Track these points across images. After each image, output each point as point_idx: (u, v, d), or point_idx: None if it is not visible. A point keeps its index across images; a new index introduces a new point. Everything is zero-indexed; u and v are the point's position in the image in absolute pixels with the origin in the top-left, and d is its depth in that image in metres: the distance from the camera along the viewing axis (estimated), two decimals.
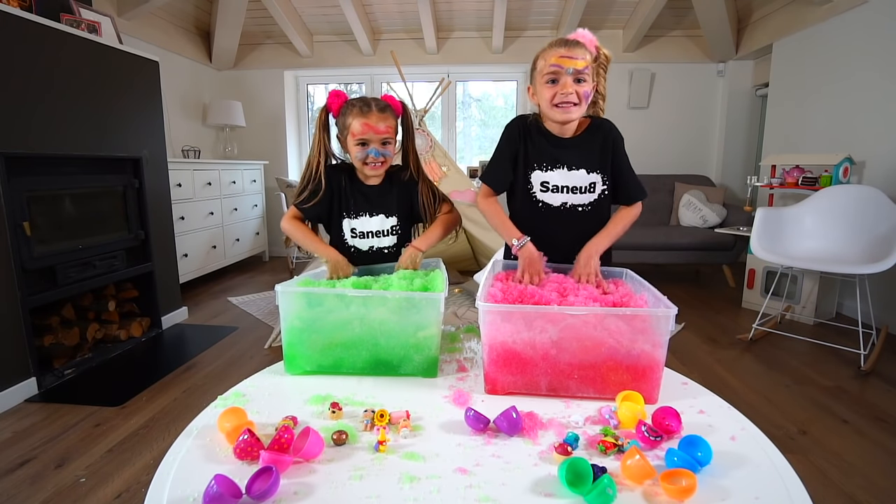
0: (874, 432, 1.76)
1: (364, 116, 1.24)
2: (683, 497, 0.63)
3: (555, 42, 1.18)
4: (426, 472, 0.70)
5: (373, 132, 1.24)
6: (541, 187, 1.27)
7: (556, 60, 1.15)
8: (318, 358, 1.02)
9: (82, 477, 1.51)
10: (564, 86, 1.15)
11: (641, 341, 0.89)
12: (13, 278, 1.97)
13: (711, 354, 2.49)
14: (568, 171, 1.25)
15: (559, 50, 1.16)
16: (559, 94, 1.16)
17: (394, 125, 1.28)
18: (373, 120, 1.24)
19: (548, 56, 1.17)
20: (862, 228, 2.57)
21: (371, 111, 1.25)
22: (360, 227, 1.34)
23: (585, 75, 1.16)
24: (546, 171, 1.26)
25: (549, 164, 1.25)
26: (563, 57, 1.15)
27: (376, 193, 1.34)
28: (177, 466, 0.72)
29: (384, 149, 1.27)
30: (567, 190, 1.26)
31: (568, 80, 1.15)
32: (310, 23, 4.57)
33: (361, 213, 1.34)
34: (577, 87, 1.15)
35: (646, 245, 3.72)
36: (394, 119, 1.29)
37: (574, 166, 1.25)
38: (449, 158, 3.50)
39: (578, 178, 1.25)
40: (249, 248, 4.48)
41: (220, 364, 2.38)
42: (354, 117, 1.24)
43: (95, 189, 2.47)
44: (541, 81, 1.19)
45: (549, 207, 1.27)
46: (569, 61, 1.15)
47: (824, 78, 3.34)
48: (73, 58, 2.26)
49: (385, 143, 1.27)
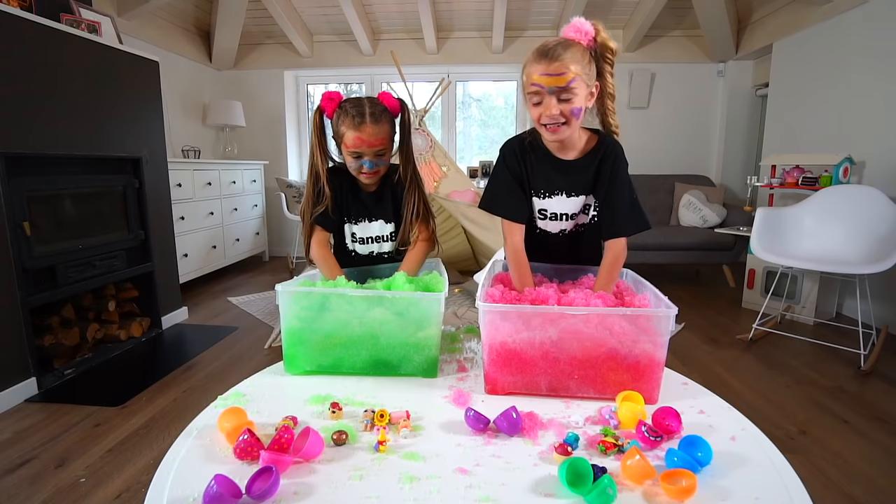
0: (874, 432, 1.76)
1: (357, 130, 1.18)
2: (683, 497, 0.63)
3: (536, 53, 1.04)
4: (426, 472, 0.70)
5: (366, 146, 1.19)
6: (539, 215, 1.20)
7: (536, 79, 1.03)
8: (317, 358, 1.02)
9: (82, 477, 1.51)
10: (548, 107, 1.03)
11: (642, 341, 0.89)
12: (13, 278, 1.97)
13: (711, 354, 2.49)
14: (567, 197, 1.16)
15: (538, 66, 1.02)
16: (544, 116, 1.04)
17: (389, 133, 1.23)
18: (366, 134, 1.18)
19: (529, 72, 1.04)
20: (862, 228, 2.57)
21: (365, 123, 1.18)
22: (360, 233, 1.33)
23: (572, 90, 1.02)
24: (544, 198, 1.18)
25: (546, 190, 1.17)
26: (543, 75, 1.01)
27: (374, 200, 1.33)
28: (177, 466, 0.71)
29: (378, 160, 1.23)
30: (566, 217, 1.19)
31: (551, 100, 1.02)
32: (310, 23, 4.57)
33: (361, 218, 1.32)
34: (562, 107, 1.02)
35: (646, 245, 3.72)
36: (390, 125, 1.23)
37: (574, 193, 1.16)
38: (449, 158, 3.50)
39: (576, 204, 1.17)
40: (249, 248, 4.48)
41: (220, 364, 2.38)
42: (348, 128, 1.19)
43: (95, 189, 2.47)
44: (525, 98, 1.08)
45: (546, 234, 1.23)
46: (549, 79, 1.01)
47: (824, 78, 3.34)
48: (74, 58, 2.26)
49: (379, 154, 1.22)
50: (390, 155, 1.27)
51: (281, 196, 4.48)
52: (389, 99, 1.25)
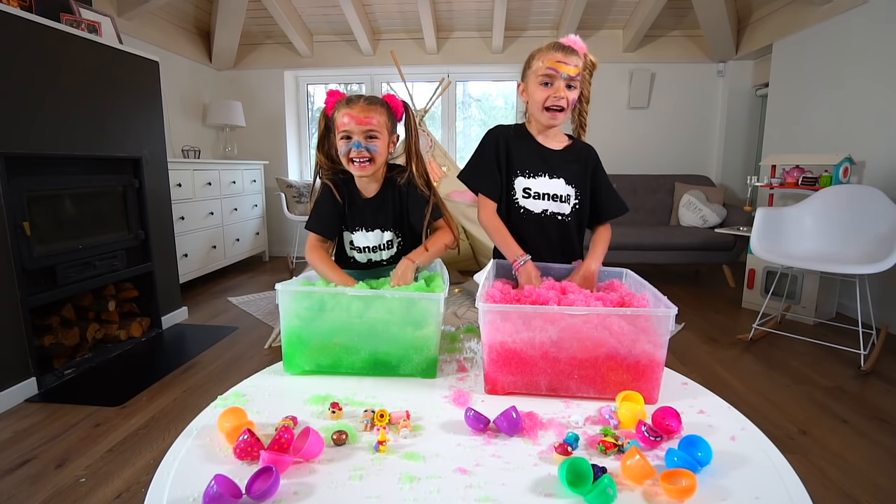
0: (874, 432, 1.76)
1: (348, 107, 1.17)
2: (683, 497, 0.63)
3: (552, 45, 1.21)
4: (426, 472, 0.70)
5: (355, 122, 1.16)
6: (523, 193, 1.29)
7: (553, 64, 1.19)
8: (317, 357, 1.02)
9: (82, 477, 1.51)
10: (557, 90, 1.20)
11: (642, 341, 0.89)
12: (13, 278, 1.97)
13: (711, 354, 2.49)
14: (549, 179, 1.28)
15: (556, 54, 1.19)
16: (551, 98, 1.21)
17: (383, 121, 1.20)
18: (356, 111, 1.16)
19: (545, 58, 1.20)
20: (862, 228, 2.57)
21: (357, 103, 1.17)
22: (357, 242, 1.31)
23: (576, 82, 1.22)
24: (529, 177, 1.28)
25: (532, 170, 1.28)
26: (559, 62, 1.18)
27: (373, 207, 1.28)
28: (177, 466, 0.72)
29: (369, 142, 1.17)
30: (548, 198, 1.28)
31: (561, 84, 1.20)
32: (310, 23, 4.57)
33: (358, 227, 1.29)
34: (567, 93, 1.20)
35: (646, 245, 3.72)
36: (386, 116, 1.21)
37: (556, 175, 1.28)
38: (449, 158, 3.50)
39: (559, 186, 1.28)
40: (249, 248, 4.48)
41: (220, 364, 2.38)
42: (340, 109, 1.19)
43: (95, 189, 2.47)
44: (534, 81, 1.22)
45: (530, 214, 1.29)
46: (564, 67, 1.18)
47: (824, 78, 3.34)
48: (74, 58, 2.26)
49: (370, 136, 1.18)
50: (385, 147, 1.22)
51: (281, 196, 4.48)
52: (393, 99, 1.25)
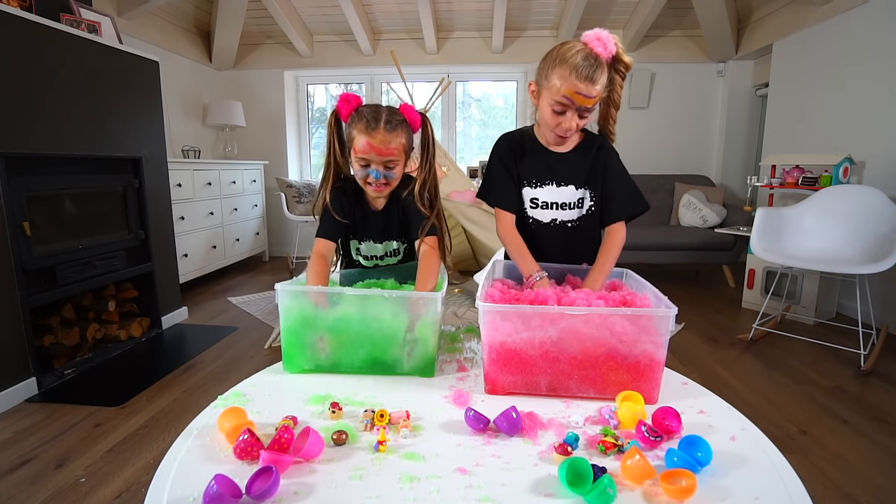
0: (874, 432, 1.76)
1: (368, 134, 1.12)
2: (683, 497, 0.63)
3: (572, 67, 1.07)
4: (426, 472, 0.70)
5: (375, 153, 1.13)
6: (531, 204, 1.26)
7: (571, 95, 1.09)
8: (316, 357, 1.02)
9: (82, 477, 1.51)
10: (570, 120, 1.13)
11: (642, 341, 0.89)
12: (13, 278, 1.97)
13: (711, 354, 2.49)
14: (557, 187, 1.23)
15: (578, 84, 1.07)
16: (561, 127, 1.14)
17: (403, 145, 1.16)
18: (377, 140, 1.12)
19: (566, 82, 1.08)
20: (862, 228, 2.57)
21: (378, 129, 1.12)
22: (364, 251, 1.31)
23: (592, 109, 1.14)
24: (535, 187, 1.24)
25: (538, 180, 1.24)
26: (579, 93, 1.08)
27: (381, 220, 1.27)
28: (177, 466, 0.71)
29: (387, 171, 1.16)
30: (556, 206, 1.24)
31: (574, 116, 1.12)
32: (310, 23, 4.57)
33: (366, 238, 1.29)
34: (579, 121, 1.14)
35: (646, 245, 3.72)
36: (405, 137, 1.17)
37: (563, 182, 1.23)
38: (449, 158, 3.50)
39: (567, 194, 1.24)
40: (249, 248, 4.48)
41: (220, 364, 2.38)
42: (359, 132, 1.13)
43: (95, 189, 2.47)
44: (548, 98, 1.13)
45: (539, 224, 1.26)
46: (582, 99, 1.09)
47: (824, 78, 3.34)
48: (74, 58, 2.26)
49: (389, 165, 1.16)
50: (402, 169, 1.21)
51: (281, 196, 4.49)
52: (411, 112, 1.19)
